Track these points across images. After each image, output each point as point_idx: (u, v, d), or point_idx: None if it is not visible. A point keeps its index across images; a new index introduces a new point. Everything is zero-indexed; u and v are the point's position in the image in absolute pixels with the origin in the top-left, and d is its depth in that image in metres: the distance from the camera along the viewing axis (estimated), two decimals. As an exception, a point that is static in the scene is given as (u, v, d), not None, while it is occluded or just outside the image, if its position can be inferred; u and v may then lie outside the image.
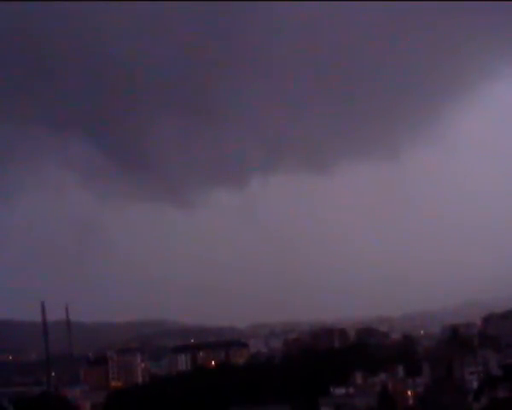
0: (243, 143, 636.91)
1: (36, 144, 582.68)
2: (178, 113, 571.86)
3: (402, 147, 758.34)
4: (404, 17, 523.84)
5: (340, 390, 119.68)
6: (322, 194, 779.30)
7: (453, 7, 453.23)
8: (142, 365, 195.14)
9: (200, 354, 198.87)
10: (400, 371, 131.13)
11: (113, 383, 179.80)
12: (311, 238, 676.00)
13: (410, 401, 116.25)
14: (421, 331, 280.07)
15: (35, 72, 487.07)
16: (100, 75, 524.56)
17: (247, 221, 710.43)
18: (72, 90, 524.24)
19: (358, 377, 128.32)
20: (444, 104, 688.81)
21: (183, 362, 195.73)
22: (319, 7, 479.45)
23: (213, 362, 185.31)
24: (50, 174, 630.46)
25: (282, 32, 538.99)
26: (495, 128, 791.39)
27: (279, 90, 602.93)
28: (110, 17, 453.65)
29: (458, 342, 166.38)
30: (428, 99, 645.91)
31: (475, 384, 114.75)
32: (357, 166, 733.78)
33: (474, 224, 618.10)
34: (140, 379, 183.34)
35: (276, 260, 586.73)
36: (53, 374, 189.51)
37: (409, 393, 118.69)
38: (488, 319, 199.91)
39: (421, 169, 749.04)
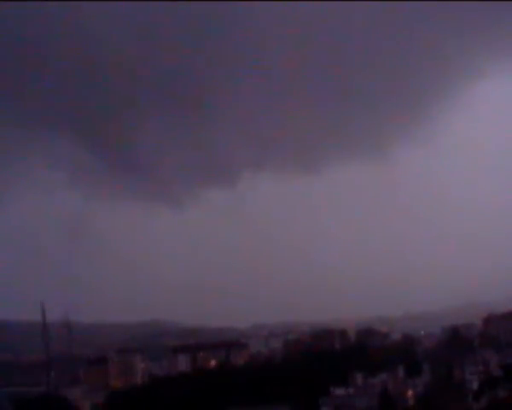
0: (233, 141, 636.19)
1: (23, 144, 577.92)
2: (168, 111, 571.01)
3: (392, 147, 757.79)
4: (391, 17, 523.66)
5: (341, 391, 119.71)
6: (313, 193, 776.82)
7: (441, 6, 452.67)
8: (142, 365, 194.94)
9: (200, 354, 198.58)
10: (400, 371, 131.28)
11: (113, 384, 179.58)
12: (307, 238, 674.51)
13: (411, 402, 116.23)
14: (422, 332, 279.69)
15: (21, 70, 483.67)
16: (89, 73, 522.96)
17: (240, 220, 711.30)
18: (59, 88, 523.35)
19: (359, 378, 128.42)
20: (433, 104, 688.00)
21: (182, 362, 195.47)
22: (309, 7, 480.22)
23: (213, 362, 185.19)
24: (38, 174, 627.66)
25: (272, 32, 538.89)
26: (485, 127, 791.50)
27: (269, 89, 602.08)
28: (100, 15, 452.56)
29: (458, 342, 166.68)
30: (417, 99, 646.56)
31: (476, 385, 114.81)
32: (347, 165, 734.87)
33: (474, 224, 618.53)
34: (140, 379, 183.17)
35: (274, 260, 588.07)
36: (53, 374, 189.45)
37: (409, 393, 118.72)
38: (488, 320, 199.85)
39: (413, 169, 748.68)
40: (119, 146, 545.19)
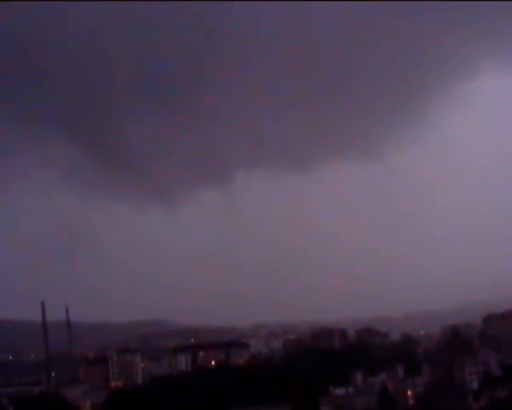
0: (226, 141, 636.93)
1: (14, 143, 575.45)
2: (161, 111, 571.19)
3: (386, 146, 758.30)
4: (384, 16, 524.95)
5: (340, 390, 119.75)
6: (309, 192, 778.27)
7: (434, 4, 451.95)
8: (142, 365, 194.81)
9: (200, 354, 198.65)
10: (400, 371, 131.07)
11: (113, 383, 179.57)
12: (305, 238, 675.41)
13: (410, 401, 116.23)
14: (421, 332, 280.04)
15: (12, 69, 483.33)
16: (81, 72, 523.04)
17: (235, 219, 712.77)
18: (52, 88, 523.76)
19: (358, 378, 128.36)
20: (427, 103, 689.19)
21: (183, 362, 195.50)
22: (300, 8, 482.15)
23: (213, 362, 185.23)
24: (33, 174, 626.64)
25: (264, 33, 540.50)
26: (479, 125, 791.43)
27: (262, 88, 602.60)
28: (92, 14, 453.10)
29: (458, 342, 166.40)
30: (411, 98, 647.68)
31: (475, 384, 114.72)
32: (340, 164, 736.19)
33: (474, 224, 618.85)
34: (140, 379, 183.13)
35: (272, 259, 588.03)
36: (53, 374, 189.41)
37: (409, 393, 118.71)
38: (488, 320, 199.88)
39: (408, 168, 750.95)
40: (114, 146, 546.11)
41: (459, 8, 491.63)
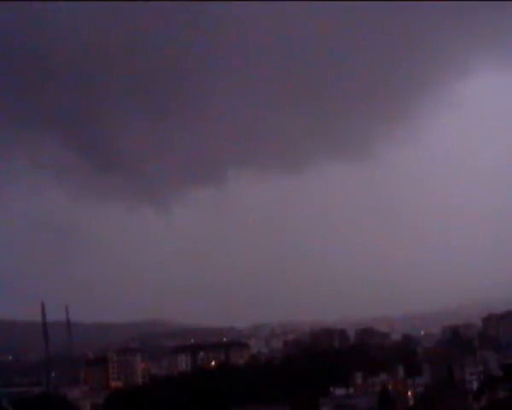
0: (218, 140, 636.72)
1: (6, 145, 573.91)
2: (153, 112, 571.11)
3: (378, 146, 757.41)
4: (373, 15, 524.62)
5: (340, 391, 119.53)
6: (306, 191, 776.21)
7: (425, 2, 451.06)
8: (142, 365, 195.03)
9: (200, 354, 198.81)
10: (400, 371, 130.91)
11: (113, 383, 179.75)
12: (303, 238, 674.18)
13: (411, 402, 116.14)
14: (422, 332, 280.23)
15: (5, 69, 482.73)
16: (73, 73, 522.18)
17: (229, 219, 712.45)
18: (44, 89, 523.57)
19: (358, 378, 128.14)
20: (418, 103, 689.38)
21: (183, 362, 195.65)
22: (291, 7, 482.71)
23: (213, 362, 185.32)
24: (23, 174, 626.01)
25: (255, 32, 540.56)
26: (471, 125, 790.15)
27: (255, 88, 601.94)
28: (83, 17, 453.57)
29: (458, 342, 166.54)
30: (403, 98, 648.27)
31: (475, 385, 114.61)
32: (334, 164, 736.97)
33: (474, 224, 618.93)
34: (140, 379, 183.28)
35: (272, 259, 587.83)
36: (53, 374, 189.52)
37: (409, 393, 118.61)
38: (488, 320, 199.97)
39: (404, 168, 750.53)
40: (105, 147, 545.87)
41: (450, 8, 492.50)
